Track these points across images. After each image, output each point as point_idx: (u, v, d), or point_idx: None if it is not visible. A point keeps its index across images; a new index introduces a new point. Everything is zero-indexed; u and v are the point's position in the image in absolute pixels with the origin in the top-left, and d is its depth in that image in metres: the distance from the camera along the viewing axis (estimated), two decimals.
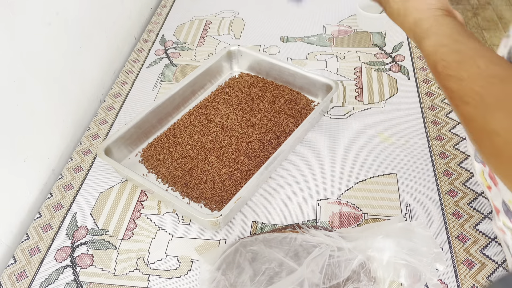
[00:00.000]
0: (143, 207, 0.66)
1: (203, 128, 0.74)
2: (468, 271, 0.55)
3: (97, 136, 0.78)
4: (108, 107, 0.83)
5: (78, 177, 0.71)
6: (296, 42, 0.94)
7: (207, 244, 0.61)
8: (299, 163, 0.70)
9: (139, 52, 0.96)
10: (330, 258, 0.52)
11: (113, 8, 0.93)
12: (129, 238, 0.62)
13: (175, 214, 0.65)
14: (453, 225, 0.60)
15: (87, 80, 0.84)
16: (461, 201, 0.63)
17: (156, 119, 0.75)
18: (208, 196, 0.65)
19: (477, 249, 0.57)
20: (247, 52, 0.84)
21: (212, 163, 0.68)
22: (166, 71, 0.90)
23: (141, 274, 0.58)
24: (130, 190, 0.68)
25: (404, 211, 0.62)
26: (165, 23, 1.05)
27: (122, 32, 0.97)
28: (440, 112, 0.76)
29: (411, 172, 0.67)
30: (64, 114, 0.77)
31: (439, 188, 0.64)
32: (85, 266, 0.59)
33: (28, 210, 0.68)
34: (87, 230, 0.63)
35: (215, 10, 1.07)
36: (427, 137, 0.72)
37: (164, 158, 0.70)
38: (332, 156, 0.70)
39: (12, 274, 0.59)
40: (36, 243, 0.62)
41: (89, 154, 0.75)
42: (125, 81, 0.89)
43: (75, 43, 0.79)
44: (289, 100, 0.79)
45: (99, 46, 0.88)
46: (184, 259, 0.59)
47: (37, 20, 0.68)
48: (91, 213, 0.65)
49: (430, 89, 0.80)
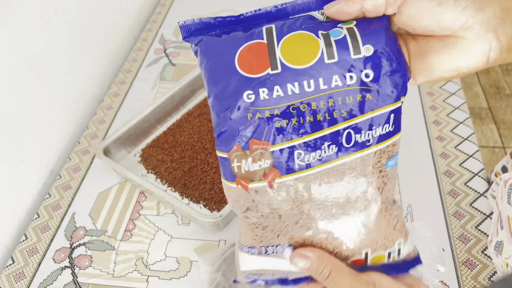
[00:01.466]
0: (142, 207, 0.66)
1: (203, 128, 0.74)
2: (469, 272, 0.55)
3: (96, 136, 0.77)
4: (107, 107, 0.83)
5: (77, 178, 0.70)
6: None
7: (206, 245, 0.60)
8: None
9: (138, 51, 0.96)
10: None
11: (112, 7, 0.92)
12: (128, 239, 0.62)
13: (175, 214, 0.64)
14: (454, 226, 0.60)
15: (86, 79, 0.84)
16: (463, 202, 0.62)
17: (155, 119, 0.75)
18: (207, 196, 0.64)
19: (479, 250, 0.57)
20: None
21: (212, 163, 0.68)
22: (165, 71, 0.90)
23: (140, 275, 0.58)
24: (129, 191, 0.68)
25: (405, 212, 0.62)
26: (164, 22, 1.04)
27: (121, 31, 0.96)
28: (441, 112, 0.75)
29: (412, 173, 0.66)
30: (63, 114, 0.77)
31: (440, 188, 0.64)
32: (84, 267, 0.59)
33: (26, 210, 0.67)
34: (86, 231, 0.63)
35: (214, 8, 1.07)
36: (429, 137, 0.71)
37: (163, 158, 0.70)
38: None
39: (10, 275, 0.59)
40: (34, 244, 0.62)
41: (88, 154, 0.74)
42: (123, 81, 0.88)
43: (73, 42, 0.79)
44: None
45: (98, 46, 0.87)
46: (184, 260, 0.59)
47: (36, 20, 0.68)
48: (89, 214, 0.65)
49: (432, 89, 0.80)
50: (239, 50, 0.31)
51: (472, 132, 0.72)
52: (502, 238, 0.45)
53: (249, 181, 0.32)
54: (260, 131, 0.31)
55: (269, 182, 0.32)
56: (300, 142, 0.31)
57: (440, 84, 0.80)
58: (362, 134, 0.31)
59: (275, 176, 0.32)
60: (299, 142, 0.31)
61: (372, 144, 0.31)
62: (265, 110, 0.31)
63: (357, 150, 0.31)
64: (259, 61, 0.31)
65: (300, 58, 0.31)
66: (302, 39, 0.31)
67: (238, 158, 0.33)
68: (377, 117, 0.31)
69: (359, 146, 0.31)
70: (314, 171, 0.31)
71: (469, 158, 0.68)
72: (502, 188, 0.48)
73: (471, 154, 0.68)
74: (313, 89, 0.30)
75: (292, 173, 0.32)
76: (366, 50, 0.30)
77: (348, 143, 0.31)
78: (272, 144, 0.31)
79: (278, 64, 0.31)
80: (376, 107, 0.31)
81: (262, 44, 0.31)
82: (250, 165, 0.32)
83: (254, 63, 0.31)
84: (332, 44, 0.30)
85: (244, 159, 0.32)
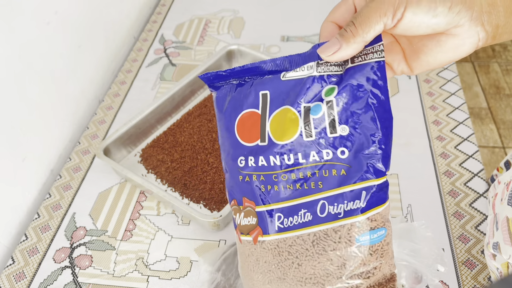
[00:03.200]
0: (142, 207, 0.66)
1: (203, 128, 0.74)
2: (469, 272, 0.55)
3: (96, 136, 0.77)
4: (107, 107, 0.83)
5: (77, 178, 0.71)
6: (296, 42, 0.94)
7: (206, 245, 0.60)
8: None
9: (138, 51, 0.96)
10: None
11: (112, 7, 0.92)
12: (128, 239, 0.62)
13: (175, 214, 0.64)
14: (454, 226, 0.60)
15: (86, 79, 0.84)
16: (463, 202, 0.62)
17: (155, 119, 0.75)
18: (207, 196, 0.64)
19: (479, 249, 0.57)
20: (247, 52, 0.84)
21: (212, 163, 0.68)
22: (166, 71, 0.90)
23: (140, 275, 0.58)
24: (129, 191, 0.68)
25: (405, 212, 0.62)
26: (164, 22, 1.04)
27: (121, 31, 0.96)
28: (441, 112, 0.75)
29: (412, 173, 0.66)
30: (63, 114, 0.77)
31: (440, 188, 0.64)
32: (84, 267, 0.59)
33: (26, 210, 0.67)
34: (86, 231, 0.63)
35: (214, 9, 1.07)
36: (428, 137, 0.71)
37: (164, 158, 0.70)
38: None
39: (10, 275, 0.59)
40: (34, 244, 0.62)
41: (88, 154, 0.74)
42: (124, 81, 0.88)
43: (74, 42, 0.79)
44: None
45: (98, 46, 0.87)
46: (184, 260, 0.59)
47: (36, 19, 0.68)
48: (90, 214, 0.65)
49: (432, 89, 0.80)
50: (239, 115, 0.37)
51: (472, 132, 0.72)
52: (498, 239, 0.45)
53: (241, 233, 0.37)
54: (249, 192, 0.36)
55: (254, 238, 0.36)
56: (280, 207, 0.35)
57: (440, 84, 0.80)
58: (335, 207, 0.34)
59: (258, 234, 0.36)
60: (279, 207, 0.35)
61: (342, 217, 0.34)
62: (253, 175, 0.35)
63: (330, 220, 0.34)
64: (252, 131, 0.36)
65: (283, 134, 0.35)
66: (286, 116, 0.35)
67: (234, 211, 0.38)
68: (348, 193, 0.34)
69: (331, 217, 0.34)
70: (292, 234, 0.35)
71: (469, 158, 0.68)
72: (503, 190, 0.48)
73: (471, 154, 0.68)
74: (292, 162, 0.34)
75: (273, 234, 0.35)
76: (342, 130, 0.34)
77: (322, 213, 0.34)
78: (257, 205, 0.36)
79: (266, 137, 0.35)
80: (348, 183, 0.34)
81: (257, 115, 0.36)
82: (242, 219, 0.37)
83: (248, 133, 0.36)
84: (311, 123, 0.34)
85: (238, 213, 0.37)
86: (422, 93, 0.79)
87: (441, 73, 0.83)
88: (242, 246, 0.38)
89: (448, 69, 0.83)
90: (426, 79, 0.82)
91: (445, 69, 0.83)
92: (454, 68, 0.83)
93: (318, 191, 0.34)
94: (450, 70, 0.83)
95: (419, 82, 0.81)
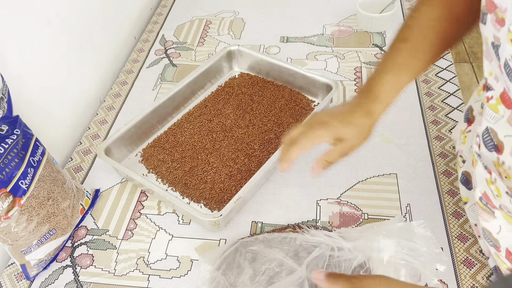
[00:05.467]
0: (143, 207, 0.66)
1: (203, 128, 0.74)
2: (468, 271, 0.55)
3: (97, 136, 0.78)
4: (108, 107, 0.83)
5: (78, 177, 0.71)
6: (296, 42, 0.94)
7: (207, 244, 0.61)
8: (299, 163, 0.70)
9: (139, 52, 0.96)
10: (330, 258, 0.53)
11: (113, 8, 0.93)
12: (129, 238, 0.62)
13: (175, 214, 0.65)
14: (453, 225, 0.60)
15: (87, 80, 0.84)
16: (461, 201, 0.63)
17: (156, 119, 0.75)
18: (208, 196, 0.65)
19: (477, 249, 0.57)
20: (247, 52, 0.84)
21: (212, 163, 0.68)
22: (166, 71, 0.90)
23: (141, 274, 0.58)
24: (130, 190, 0.68)
25: (404, 211, 0.62)
26: (165, 23, 1.05)
27: (122, 32, 0.97)
28: (440, 112, 0.76)
29: (411, 172, 0.67)
30: (64, 114, 0.77)
31: (439, 188, 0.64)
32: (85, 266, 0.59)
33: None
34: (87, 230, 0.63)
35: (215, 10, 1.07)
36: (427, 137, 0.72)
37: (164, 158, 0.70)
38: None
39: (12, 274, 0.59)
40: None
41: (89, 154, 0.75)
42: (125, 81, 0.89)
43: (75, 43, 0.79)
44: (289, 100, 0.79)
45: (99, 46, 0.88)
46: (184, 259, 0.59)
47: (37, 21, 0.68)
48: (91, 213, 0.65)
49: (430, 89, 0.80)
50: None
51: None
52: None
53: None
54: None
55: None
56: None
57: (439, 84, 0.81)
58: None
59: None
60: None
61: None
62: None
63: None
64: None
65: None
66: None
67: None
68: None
69: None
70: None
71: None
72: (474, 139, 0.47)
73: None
74: None
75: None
76: None
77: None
78: None
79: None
80: None
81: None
82: None
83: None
84: None
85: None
86: (421, 93, 0.80)
87: (439, 74, 0.83)
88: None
89: (447, 70, 0.83)
90: (425, 79, 0.82)
91: (444, 69, 0.84)
92: (453, 69, 0.84)
93: None
94: (449, 71, 0.83)
95: (418, 82, 0.82)
